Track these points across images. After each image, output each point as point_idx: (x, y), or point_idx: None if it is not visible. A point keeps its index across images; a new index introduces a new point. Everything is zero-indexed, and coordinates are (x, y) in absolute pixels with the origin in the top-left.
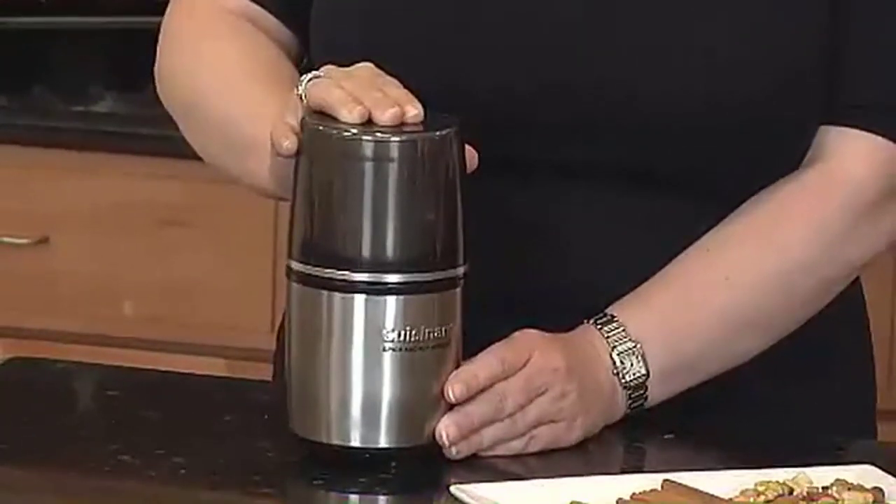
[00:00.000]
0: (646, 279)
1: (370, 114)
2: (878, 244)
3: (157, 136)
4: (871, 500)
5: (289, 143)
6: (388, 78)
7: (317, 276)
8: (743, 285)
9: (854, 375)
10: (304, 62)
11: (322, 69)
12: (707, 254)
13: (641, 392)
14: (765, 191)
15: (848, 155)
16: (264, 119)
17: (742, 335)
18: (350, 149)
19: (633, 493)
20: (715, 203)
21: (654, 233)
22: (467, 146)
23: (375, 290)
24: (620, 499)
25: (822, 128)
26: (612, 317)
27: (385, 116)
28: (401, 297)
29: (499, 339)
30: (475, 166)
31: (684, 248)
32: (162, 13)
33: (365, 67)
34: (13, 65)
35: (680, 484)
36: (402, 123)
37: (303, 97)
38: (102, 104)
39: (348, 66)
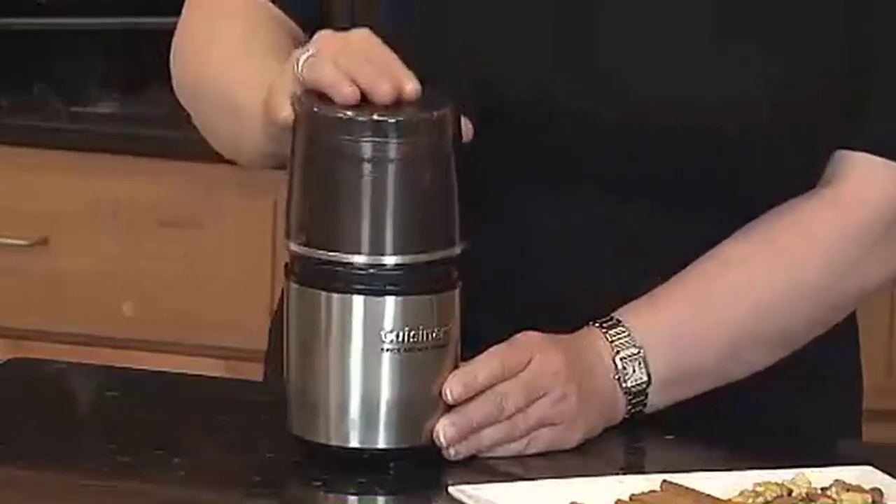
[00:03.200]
0: (649, 288)
1: (367, 89)
2: (892, 270)
3: (156, 137)
4: (869, 500)
5: (286, 114)
6: (384, 49)
7: (315, 277)
8: (752, 301)
9: (846, 384)
10: None
11: (316, 37)
12: (718, 267)
13: (642, 398)
14: (780, 208)
15: (863, 180)
16: (260, 87)
17: (747, 350)
18: (347, 149)
19: (632, 495)
20: (720, 216)
21: (659, 242)
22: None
23: (374, 290)
24: (619, 500)
25: (838, 152)
26: (618, 321)
27: (381, 94)
28: (399, 298)
29: (500, 342)
30: (471, 137)
31: (689, 257)
32: (163, 14)
33: (360, 35)
34: (13, 66)
35: (679, 485)
36: (398, 101)
37: (300, 76)
38: (102, 105)
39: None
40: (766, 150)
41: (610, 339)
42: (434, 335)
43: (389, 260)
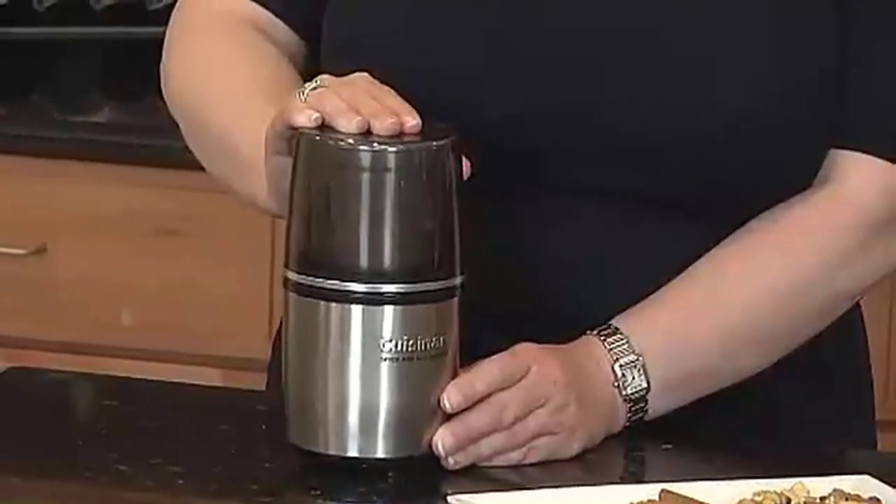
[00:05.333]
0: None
1: (368, 124)
2: (885, 268)
3: (154, 145)
4: None
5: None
6: (385, 88)
7: (314, 287)
8: (747, 303)
9: (852, 389)
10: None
11: (319, 78)
12: (714, 270)
13: (642, 405)
14: (774, 209)
15: (857, 178)
16: (260, 139)
17: (744, 352)
18: (347, 159)
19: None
20: (723, 226)
21: (660, 255)
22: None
23: (372, 300)
24: None
25: (833, 151)
26: (616, 328)
27: (384, 126)
28: (398, 308)
29: (499, 352)
30: (469, 175)
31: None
32: (159, 23)
33: (361, 77)
34: (11, 74)
35: (677, 494)
36: (401, 133)
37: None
38: (100, 114)
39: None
40: (767, 158)
41: (608, 347)
42: (433, 344)
43: (389, 288)
